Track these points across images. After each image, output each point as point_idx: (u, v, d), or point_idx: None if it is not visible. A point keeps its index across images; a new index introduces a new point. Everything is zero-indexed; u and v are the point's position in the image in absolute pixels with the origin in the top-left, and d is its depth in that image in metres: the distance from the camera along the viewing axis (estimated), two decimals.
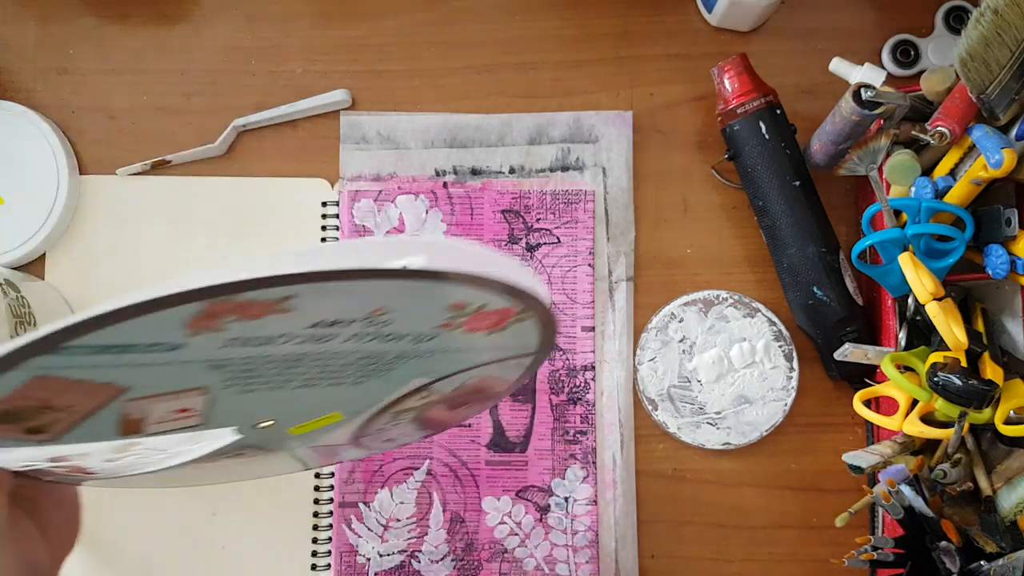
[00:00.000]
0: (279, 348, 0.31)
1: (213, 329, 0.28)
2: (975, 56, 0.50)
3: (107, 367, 0.29)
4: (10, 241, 0.65)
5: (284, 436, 0.41)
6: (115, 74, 0.69)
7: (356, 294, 0.30)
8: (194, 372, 0.31)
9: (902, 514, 0.54)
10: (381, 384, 0.38)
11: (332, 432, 0.42)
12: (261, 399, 0.35)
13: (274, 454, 0.45)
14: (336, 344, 0.32)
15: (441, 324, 0.34)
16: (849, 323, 0.62)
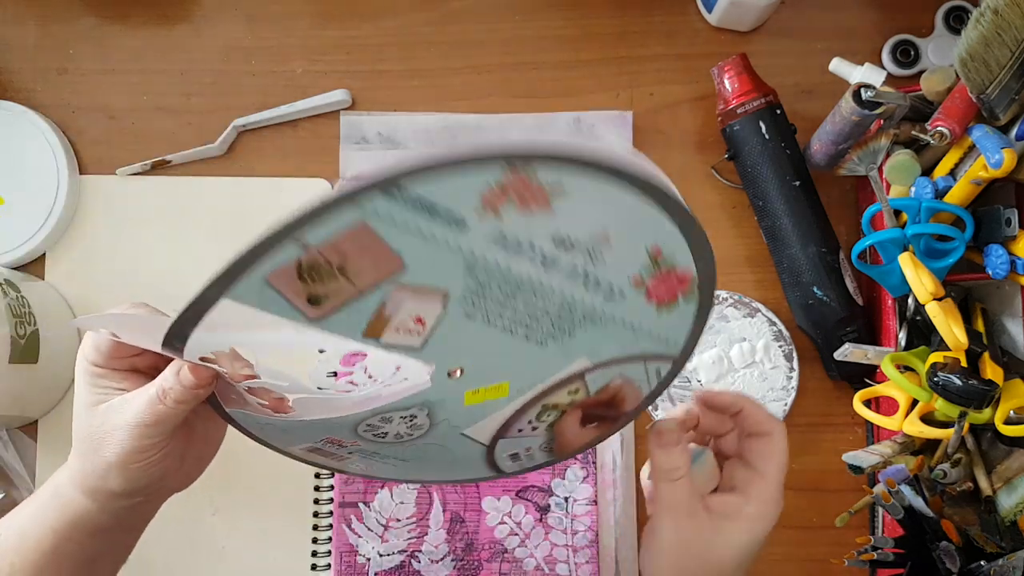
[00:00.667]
0: (518, 263, 0.34)
1: (494, 210, 0.31)
2: (975, 56, 0.50)
3: (407, 232, 0.31)
4: (10, 241, 0.65)
5: (458, 406, 0.42)
6: (115, 74, 0.69)
7: (606, 201, 0.32)
8: (455, 267, 0.33)
9: (902, 514, 0.54)
10: (558, 353, 0.39)
11: (491, 416, 0.43)
12: (471, 335, 0.37)
13: (433, 446, 0.45)
14: (553, 278, 0.35)
15: (634, 278, 0.36)
16: (849, 323, 0.62)
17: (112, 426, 0.41)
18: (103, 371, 0.43)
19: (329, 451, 0.46)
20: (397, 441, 0.45)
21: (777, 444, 0.42)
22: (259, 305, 0.33)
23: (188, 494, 0.65)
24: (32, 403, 0.64)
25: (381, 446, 0.45)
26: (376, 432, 0.43)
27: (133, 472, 0.42)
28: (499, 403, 0.43)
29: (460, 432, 0.45)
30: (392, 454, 0.46)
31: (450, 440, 0.45)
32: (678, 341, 0.41)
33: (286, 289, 0.33)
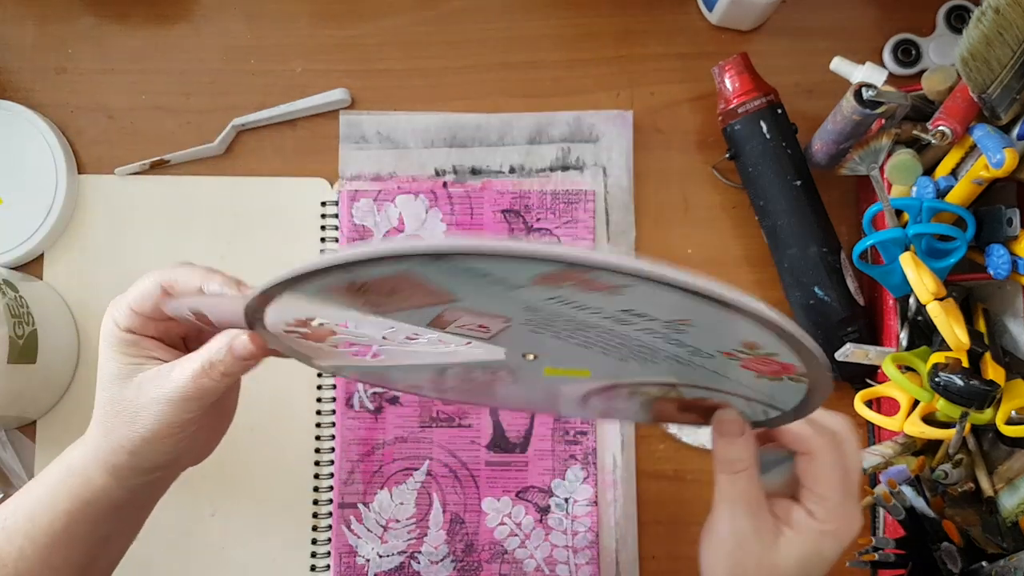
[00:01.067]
0: (586, 315, 0.34)
1: (553, 285, 0.31)
2: (976, 55, 0.50)
3: (455, 281, 0.32)
4: (9, 241, 0.65)
5: (537, 374, 0.42)
6: (114, 74, 0.68)
7: (683, 306, 0.32)
8: (513, 306, 0.34)
9: (903, 515, 0.54)
10: (639, 367, 0.39)
11: (574, 384, 0.43)
12: (542, 340, 0.37)
13: (519, 383, 0.45)
14: (629, 330, 0.35)
15: (726, 352, 0.36)
16: (850, 323, 0.61)
17: (149, 399, 0.41)
18: (135, 338, 0.42)
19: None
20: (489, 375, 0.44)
21: (821, 464, 0.39)
22: (320, 302, 0.35)
23: (188, 494, 0.65)
24: (31, 403, 0.64)
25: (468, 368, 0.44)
26: (464, 377, 0.44)
27: (166, 446, 0.42)
28: (582, 380, 0.42)
29: (546, 382, 0.44)
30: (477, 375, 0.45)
31: (537, 382, 0.44)
32: (786, 402, 0.40)
33: (343, 297, 0.34)
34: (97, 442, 0.42)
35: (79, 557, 0.44)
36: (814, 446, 0.40)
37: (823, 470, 0.40)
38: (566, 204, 0.66)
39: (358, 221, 0.66)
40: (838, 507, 0.39)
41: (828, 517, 0.39)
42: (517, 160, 0.67)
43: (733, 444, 0.40)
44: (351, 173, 0.67)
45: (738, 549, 0.40)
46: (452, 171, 0.67)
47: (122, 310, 0.42)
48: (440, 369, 0.43)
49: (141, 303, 0.42)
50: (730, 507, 0.40)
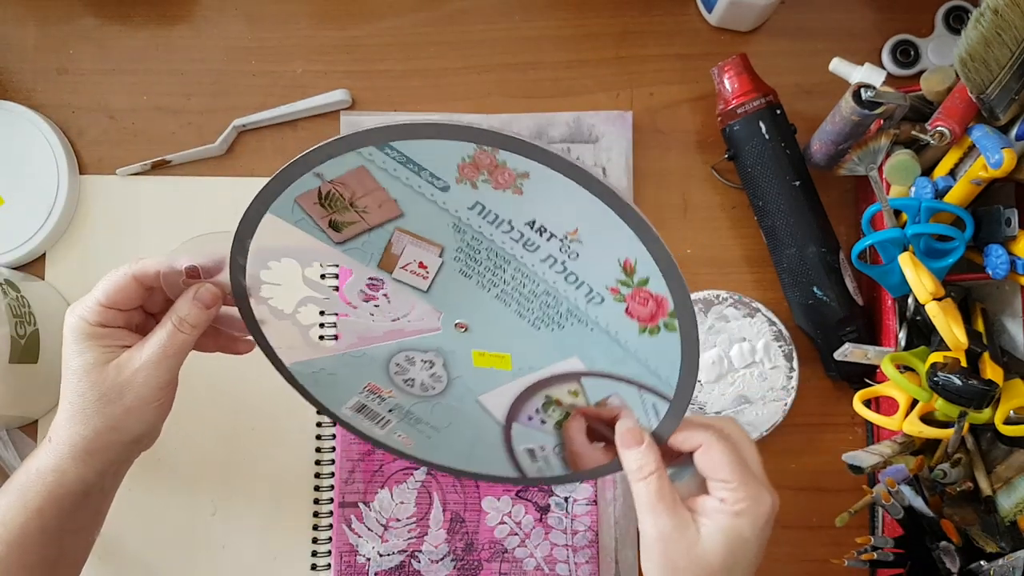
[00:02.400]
0: (500, 236, 0.41)
1: (471, 181, 0.39)
2: (975, 56, 0.50)
3: (401, 182, 0.40)
4: (10, 241, 0.65)
5: (468, 364, 0.47)
6: (115, 74, 0.69)
7: (573, 201, 0.38)
8: (443, 225, 0.41)
9: (902, 514, 0.54)
10: (550, 342, 0.45)
11: (500, 389, 0.48)
12: (469, 294, 0.44)
13: (456, 411, 0.50)
14: (534, 260, 0.41)
15: (611, 286, 0.41)
16: (849, 323, 0.62)
17: (133, 371, 0.45)
18: (107, 330, 0.46)
19: (372, 408, 0.51)
20: (424, 396, 0.49)
21: (714, 452, 0.43)
22: (293, 222, 0.42)
23: (190, 494, 0.65)
24: (32, 403, 0.64)
25: (413, 401, 0.50)
26: (405, 378, 0.49)
27: (150, 414, 0.46)
28: (504, 375, 0.47)
29: (476, 398, 0.49)
30: (424, 416, 0.51)
31: (467, 404, 0.49)
32: (670, 379, 0.44)
33: (312, 211, 0.42)
34: (71, 437, 0.46)
35: (52, 552, 0.47)
36: (702, 439, 0.44)
37: (718, 457, 0.43)
38: None
39: None
40: (742, 488, 0.42)
41: (735, 499, 0.42)
42: None
43: (634, 453, 0.44)
44: None
45: (666, 548, 0.42)
46: None
47: (90, 307, 0.46)
48: (384, 361, 0.48)
49: (112, 297, 0.46)
50: (650, 511, 0.43)
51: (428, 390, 0.49)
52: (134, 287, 0.46)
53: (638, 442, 0.44)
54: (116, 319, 0.46)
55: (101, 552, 0.64)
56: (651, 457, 0.44)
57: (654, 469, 0.43)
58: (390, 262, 0.43)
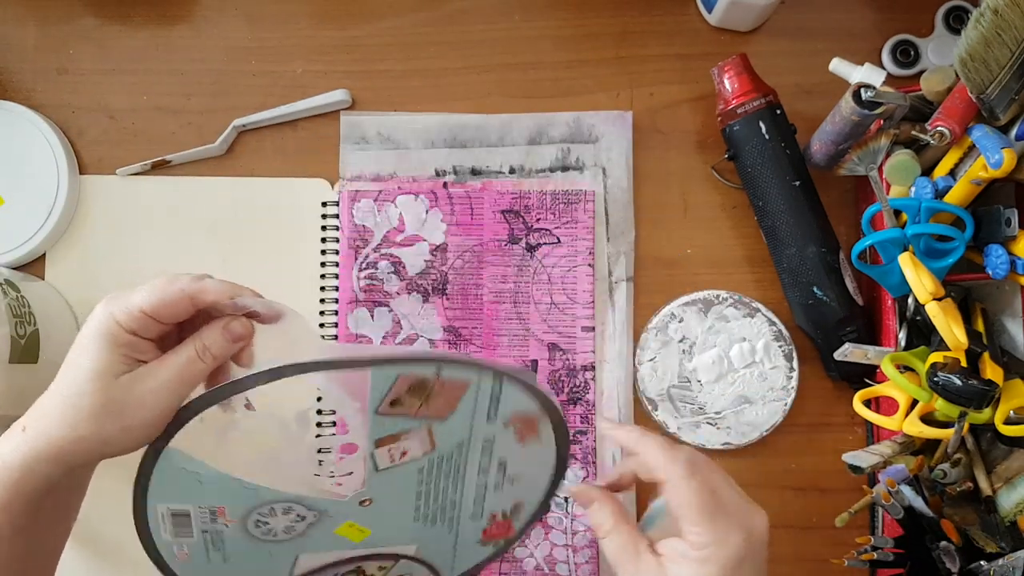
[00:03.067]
0: (476, 460, 0.49)
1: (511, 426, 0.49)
2: (975, 56, 0.50)
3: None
4: (10, 241, 0.65)
5: (332, 528, 0.49)
6: (115, 74, 0.69)
7: (537, 458, 0.50)
8: (455, 437, 0.48)
9: (902, 514, 0.54)
10: (410, 531, 0.51)
11: (327, 553, 0.51)
12: (405, 485, 0.48)
13: (262, 553, 0.50)
14: (474, 483, 0.50)
15: (495, 513, 0.50)
16: (849, 323, 0.62)
17: (141, 391, 0.43)
18: (136, 340, 0.44)
19: (193, 521, 0.49)
20: (252, 534, 0.49)
21: (682, 491, 0.42)
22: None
23: None
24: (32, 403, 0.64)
25: (238, 532, 0.49)
26: (262, 520, 0.48)
27: (144, 437, 0.44)
28: (346, 544, 0.50)
29: (297, 553, 0.50)
30: (229, 545, 0.49)
31: (283, 554, 0.50)
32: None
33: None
34: (51, 436, 0.43)
35: (21, 550, 0.45)
36: (670, 474, 0.43)
37: (685, 497, 0.42)
38: (566, 204, 0.66)
39: (359, 221, 0.66)
40: (707, 531, 0.41)
41: (700, 543, 0.41)
42: (517, 160, 0.67)
43: (591, 512, 0.46)
44: (352, 173, 0.67)
45: None
46: (452, 171, 0.67)
47: (129, 311, 0.43)
48: (251, 506, 0.48)
49: (158, 309, 0.43)
50: (619, 566, 0.43)
51: (267, 534, 0.49)
52: (184, 306, 0.44)
53: (588, 502, 0.46)
54: (150, 331, 0.44)
55: (101, 552, 0.64)
56: (605, 513, 0.44)
57: (611, 527, 0.44)
58: (391, 440, 0.46)
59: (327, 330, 0.66)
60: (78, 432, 0.43)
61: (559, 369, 0.65)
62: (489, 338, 0.65)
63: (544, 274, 0.66)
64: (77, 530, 0.63)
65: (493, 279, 0.66)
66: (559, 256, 0.66)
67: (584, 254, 0.66)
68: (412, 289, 0.66)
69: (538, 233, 0.66)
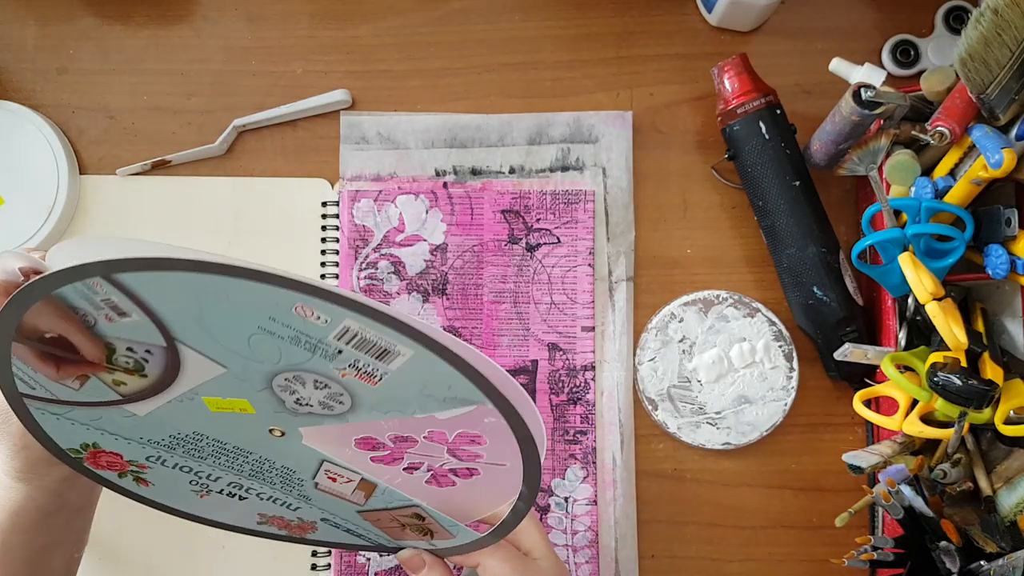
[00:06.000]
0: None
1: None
2: (975, 56, 0.50)
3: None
4: (10, 241, 0.65)
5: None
6: (115, 74, 0.69)
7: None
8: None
9: (902, 514, 0.54)
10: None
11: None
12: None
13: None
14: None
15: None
16: (849, 323, 0.62)
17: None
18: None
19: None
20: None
21: (488, 569, 0.46)
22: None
23: None
24: None
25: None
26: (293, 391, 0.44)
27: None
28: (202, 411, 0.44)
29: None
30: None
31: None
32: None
33: None
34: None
35: (19, 571, 0.45)
36: (478, 558, 0.47)
37: (493, 573, 0.47)
38: (566, 204, 0.66)
39: (359, 221, 0.66)
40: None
41: None
42: (517, 160, 0.67)
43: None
44: (352, 173, 0.67)
45: None
46: (452, 171, 0.67)
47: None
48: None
49: None
50: None
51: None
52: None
53: (417, 568, 0.48)
54: None
55: (101, 552, 0.65)
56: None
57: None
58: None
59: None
60: (7, 448, 0.43)
61: (559, 369, 0.65)
62: (489, 338, 0.65)
63: (544, 274, 0.66)
64: None
65: (493, 279, 0.66)
66: (559, 256, 0.66)
67: (584, 254, 0.66)
68: (412, 289, 0.66)
69: (538, 233, 0.66)
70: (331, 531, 0.51)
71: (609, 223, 0.66)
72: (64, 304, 0.37)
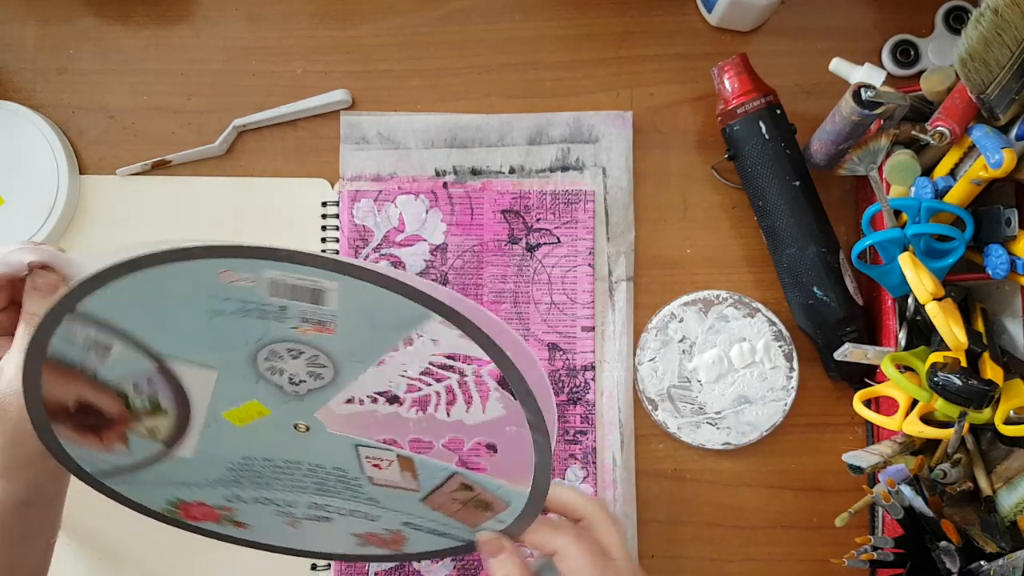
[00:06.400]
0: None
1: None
2: (975, 56, 0.50)
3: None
4: (10, 241, 0.65)
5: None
6: (115, 74, 0.69)
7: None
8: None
9: (902, 514, 0.54)
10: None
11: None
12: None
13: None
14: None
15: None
16: (849, 323, 0.62)
17: (5, 383, 0.42)
18: None
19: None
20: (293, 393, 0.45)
21: (569, 560, 0.44)
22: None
23: None
24: None
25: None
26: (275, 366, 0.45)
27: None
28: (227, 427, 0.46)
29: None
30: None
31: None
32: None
33: None
34: None
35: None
36: (559, 545, 0.45)
37: (573, 564, 0.44)
38: (566, 204, 0.66)
39: (359, 221, 0.66)
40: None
41: None
42: (517, 160, 0.67)
43: (496, 562, 0.46)
44: (352, 173, 0.67)
45: None
46: (452, 171, 0.67)
47: None
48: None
49: None
50: None
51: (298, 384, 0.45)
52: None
53: (496, 551, 0.46)
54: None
55: (101, 552, 0.65)
56: (510, 567, 0.45)
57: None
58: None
59: None
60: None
61: (559, 369, 0.65)
62: None
63: (544, 274, 0.66)
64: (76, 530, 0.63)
65: (493, 279, 0.66)
66: (559, 256, 0.66)
67: (584, 254, 0.66)
68: None
69: (538, 233, 0.66)
70: (419, 537, 0.51)
71: (609, 223, 0.66)
72: (63, 363, 0.39)
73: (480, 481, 0.47)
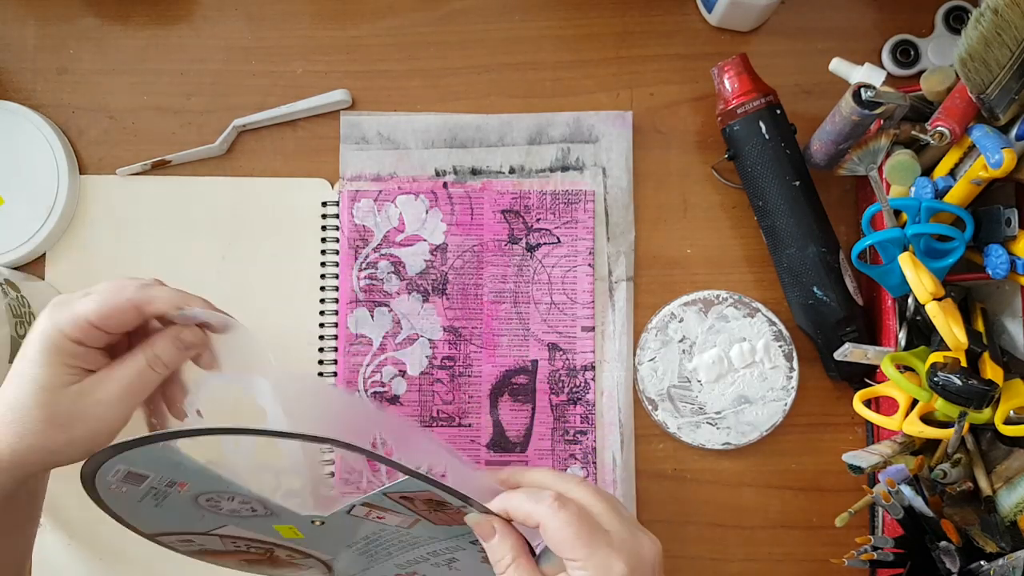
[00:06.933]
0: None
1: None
2: (975, 56, 0.50)
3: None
4: (10, 241, 0.65)
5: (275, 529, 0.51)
6: (115, 74, 0.69)
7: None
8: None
9: (902, 514, 0.54)
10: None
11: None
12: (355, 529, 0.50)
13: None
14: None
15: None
16: (849, 323, 0.62)
17: (90, 403, 0.42)
18: (83, 350, 0.43)
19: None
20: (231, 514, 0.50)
21: (550, 530, 0.42)
22: None
23: None
24: None
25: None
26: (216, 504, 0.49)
27: (96, 444, 0.43)
28: (275, 534, 0.51)
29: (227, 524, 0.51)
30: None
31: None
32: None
33: None
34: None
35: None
36: (539, 516, 0.42)
37: (555, 535, 0.41)
38: (566, 204, 0.66)
39: (359, 221, 0.66)
40: (588, 561, 0.41)
41: (583, 574, 0.41)
42: (517, 160, 0.67)
43: (490, 546, 0.44)
44: (352, 173, 0.67)
45: None
46: (452, 171, 0.67)
47: (75, 321, 0.42)
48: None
49: (106, 319, 0.42)
50: None
51: (212, 507, 0.48)
52: (132, 316, 0.43)
53: (489, 535, 0.44)
54: (97, 340, 0.43)
55: (101, 552, 0.64)
56: (505, 548, 0.43)
57: (511, 560, 0.43)
58: (378, 509, 0.47)
59: (327, 330, 0.66)
60: (26, 443, 0.42)
61: (559, 369, 0.65)
62: (489, 338, 0.65)
63: (544, 274, 0.66)
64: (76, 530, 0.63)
65: (493, 279, 0.66)
66: (559, 256, 0.66)
67: (584, 254, 0.66)
68: (412, 289, 0.66)
69: (538, 233, 0.66)
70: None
71: (609, 223, 0.66)
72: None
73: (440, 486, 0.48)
